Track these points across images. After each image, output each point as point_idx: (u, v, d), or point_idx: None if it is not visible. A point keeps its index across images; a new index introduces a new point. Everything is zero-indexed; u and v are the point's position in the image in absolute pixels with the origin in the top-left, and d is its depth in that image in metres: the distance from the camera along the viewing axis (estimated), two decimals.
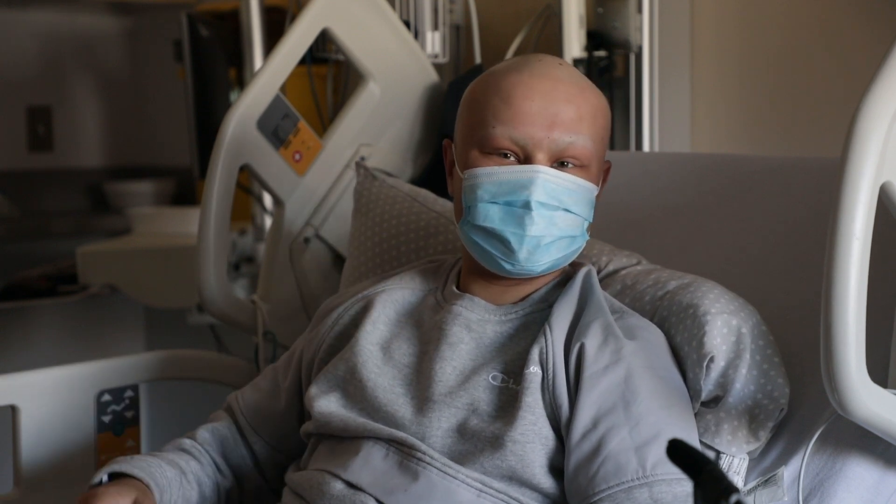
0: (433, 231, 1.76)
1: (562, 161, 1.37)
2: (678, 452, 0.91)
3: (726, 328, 1.38)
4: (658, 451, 1.29)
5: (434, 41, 2.34)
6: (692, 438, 1.36)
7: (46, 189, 3.63)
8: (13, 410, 1.80)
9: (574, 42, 2.17)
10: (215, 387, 2.02)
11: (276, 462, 1.56)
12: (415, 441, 1.35)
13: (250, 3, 2.71)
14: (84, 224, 3.47)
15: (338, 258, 2.09)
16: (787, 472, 1.37)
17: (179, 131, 3.11)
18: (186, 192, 3.63)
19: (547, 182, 1.36)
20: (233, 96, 2.81)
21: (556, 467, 1.34)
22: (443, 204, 1.82)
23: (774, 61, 2.06)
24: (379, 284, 1.53)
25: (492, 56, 2.34)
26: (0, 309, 3.06)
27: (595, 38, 2.18)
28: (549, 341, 1.37)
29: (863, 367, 1.20)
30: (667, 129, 2.16)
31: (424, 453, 1.33)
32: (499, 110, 1.37)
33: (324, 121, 2.59)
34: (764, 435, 1.38)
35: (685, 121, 2.16)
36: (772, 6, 2.07)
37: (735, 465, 1.37)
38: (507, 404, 1.35)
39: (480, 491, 1.31)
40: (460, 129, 1.44)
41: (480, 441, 1.34)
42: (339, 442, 1.41)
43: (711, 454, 1.37)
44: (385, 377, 1.42)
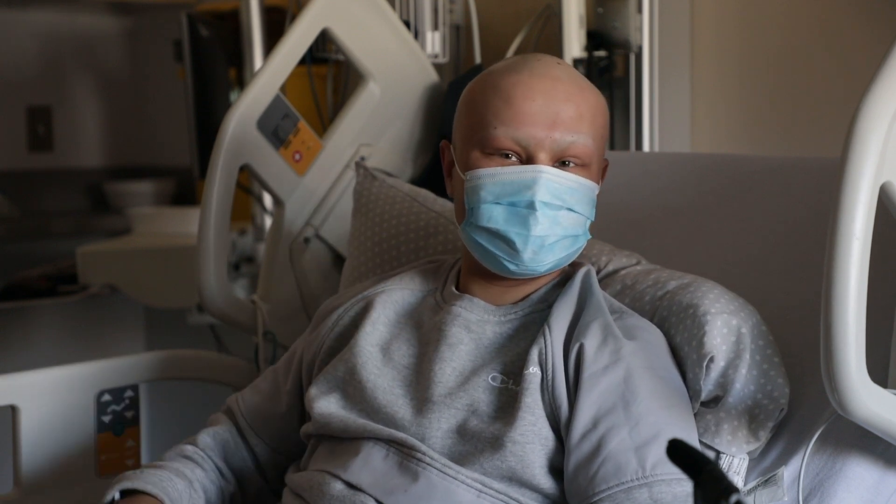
0: (433, 231, 1.76)
1: (563, 160, 1.37)
2: (678, 452, 0.91)
3: (726, 328, 1.38)
4: (658, 452, 1.29)
5: (434, 41, 2.34)
6: (692, 438, 1.36)
7: (46, 189, 3.63)
8: (13, 410, 1.80)
9: (574, 42, 2.17)
10: (215, 387, 2.02)
11: (277, 463, 1.56)
12: (415, 442, 1.34)
13: (250, 3, 2.71)
14: (84, 224, 3.47)
15: (338, 258, 2.09)
16: (787, 472, 1.37)
17: (179, 131, 3.11)
18: (186, 192, 3.63)
19: (550, 182, 1.36)
20: (233, 96, 2.81)
21: (556, 468, 1.34)
22: (442, 204, 1.82)
23: (774, 61, 2.06)
24: (379, 285, 1.53)
25: (492, 56, 2.33)
26: (0, 309, 3.06)
27: (595, 38, 2.17)
28: (549, 342, 1.37)
29: (863, 367, 1.20)
30: (667, 129, 2.16)
31: (424, 454, 1.33)
32: (499, 111, 1.37)
33: (324, 121, 2.59)
34: (764, 435, 1.38)
35: (685, 121, 2.16)
36: (772, 6, 2.07)
37: (735, 465, 1.37)
38: (507, 405, 1.35)
39: (480, 491, 1.31)
40: (459, 130, 1.44)
41: (480, 442, 1.33)
42: (339, 443, 1.41)
43: (711, 454, 1.37)
44: (385, 378, 1.42)
